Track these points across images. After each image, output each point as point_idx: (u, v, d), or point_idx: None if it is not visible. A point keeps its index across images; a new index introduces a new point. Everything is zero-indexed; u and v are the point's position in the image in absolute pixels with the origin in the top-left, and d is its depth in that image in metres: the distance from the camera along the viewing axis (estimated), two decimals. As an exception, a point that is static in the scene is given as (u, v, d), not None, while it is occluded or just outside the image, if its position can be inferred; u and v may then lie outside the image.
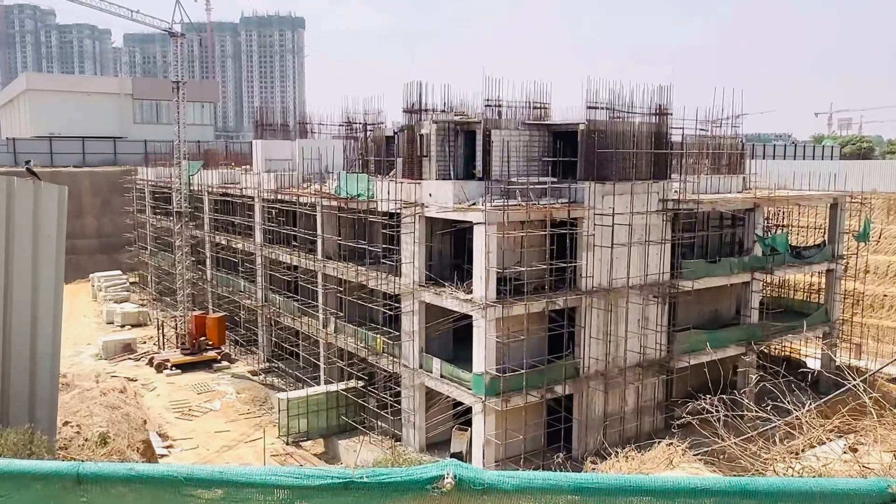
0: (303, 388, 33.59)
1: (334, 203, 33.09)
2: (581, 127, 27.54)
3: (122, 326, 49.88)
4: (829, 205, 36.04)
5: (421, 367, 28.19)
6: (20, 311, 7.09)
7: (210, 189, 45.86)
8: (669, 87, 28.64)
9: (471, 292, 25.67)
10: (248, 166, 46.36)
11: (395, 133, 32.63)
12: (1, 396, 7.22)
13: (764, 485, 2.21)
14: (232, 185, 43.93)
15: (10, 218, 6.87)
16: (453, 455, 25.48)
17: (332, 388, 32.10)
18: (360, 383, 32.08)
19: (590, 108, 27.06)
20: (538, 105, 30.13)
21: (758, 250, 32.26)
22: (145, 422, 29.90)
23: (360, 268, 31.50)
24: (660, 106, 28.64)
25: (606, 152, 27.16)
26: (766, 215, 33.93)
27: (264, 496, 2.39)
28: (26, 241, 6.95)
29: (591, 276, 26.97)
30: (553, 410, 27.65)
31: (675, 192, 29.27)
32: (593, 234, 26.87)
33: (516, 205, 25.81)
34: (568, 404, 27.57)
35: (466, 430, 26.50)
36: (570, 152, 28.17)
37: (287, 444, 30.46)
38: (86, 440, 10.30)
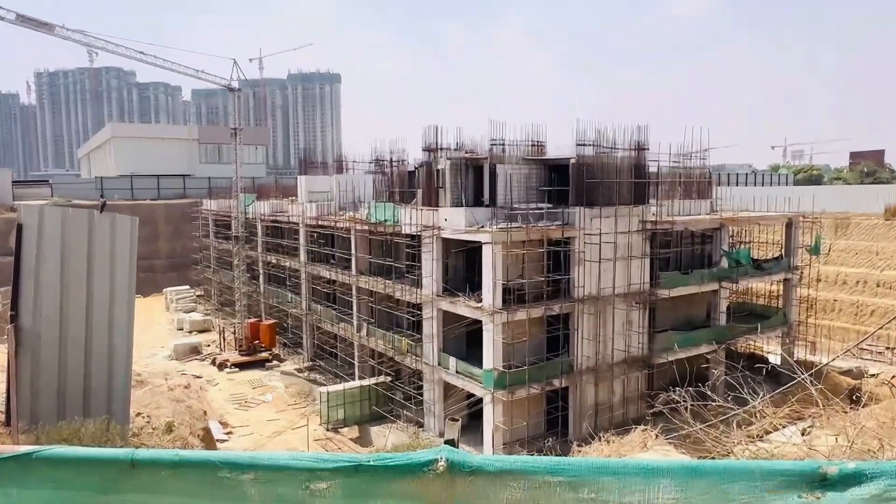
0: (340, 383, 33.52)
1: (366, 227, 33.19)
2: (572, 161, 27.43)
3: (190, 332, 50.04)
4: (784, 224, 35.58)
5: (439, 364, 28.06)
6: (99, 320, 7.16)
7: (262, 217, 46.21)
8: (646, 127, 28.57)
9: (481, 301, 25.56)
10: (294, 198, 46.65)
11: (415, 168, 32.74)
12: (83, 392, 7.29)
13: (711, 466, 2.16)
14: (280, 214, 44.24)
15: (91, 243, 6.98)
16: (447, 442, 25.21)
17: (365, 382, 32.00)
18: (389, 379, 31.96)
19: (579, 145, 27.00)
20: (535, 143, 30.08)
21: (724, 263, 31.88)
22: (206, 412, 29.88)
23: (387, 281, 31.49)
24: (638, 142, 28.49)
25: (594, 182, 27.02)
26: (730, 233, 33.55)
27: (288, 477, 2.36)
28: (104, 262, 7.04)
29: (582, 286, 26.77)
30: (551, 400, 27.37)
31: (653, 214, 29.09)
32: (583, 251, 26.68)
33: (518, 227, 25.73)
34: (564, 395, 27.29)
35: (457, 421, 26.31)
36: (563, 182, 28.06)
37: (327, 430, 30.35)
38: (154, 428, 10.32)
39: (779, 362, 31.84)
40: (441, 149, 29.71)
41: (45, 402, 7.02)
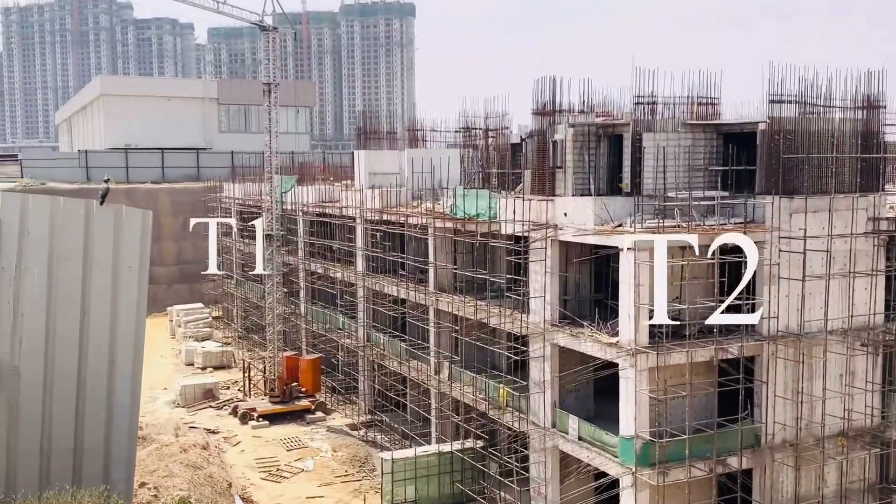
0: (411, 446, 33.98)
1: (449, 225, 33.58)
2: (761, 126, 26.84)
3: (203, 369, 52.28)
4: None
5: (554, 426, 28.00)
6: (97, 356, 7.53)
7: (305, 208, 47.68)
8: (882, 72, 27.47)
9: (616, 334, 25.34)
10: (348, 181, 47.81)
11: (522, 140, 32.75)
12: (75, 451, 7.68)
13: None
14: (330, 204, 45.42)
15: (88, 248, 7.34)
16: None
17: (446, 448, 32.29)
18: (480, 444, 32.13)
19: (773, 101, 26.29)
20: (704, 100, 29.65)
21: None
22: (230, 485, 31.16)
23: (479, 302, 31.72)
24: (869, 97, 27.54)
25: (795, 158, 26.32)
26: None
27: None
28: (105, 276, 7.40)
29: (775, 316, 26.07)
30: (726, 489, 26.76)
31: (892, 207, 28.27)
32: (778, 263, 25.95)
33: (675, 226, 25.40)
34: (746, 482, 26.62)
35: None
36: (747, 159, 27.44)
37: (391, 515, 30.80)
38: (164, 505, 10.80)
39: None
40: (560, 111, 29.70)
41: (24, 463, 7.46)
